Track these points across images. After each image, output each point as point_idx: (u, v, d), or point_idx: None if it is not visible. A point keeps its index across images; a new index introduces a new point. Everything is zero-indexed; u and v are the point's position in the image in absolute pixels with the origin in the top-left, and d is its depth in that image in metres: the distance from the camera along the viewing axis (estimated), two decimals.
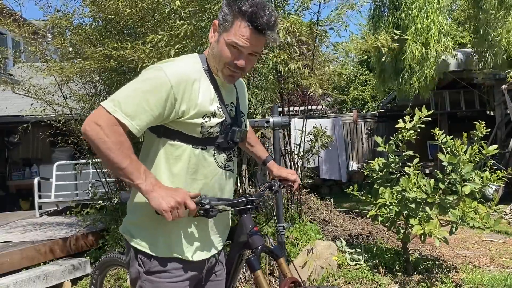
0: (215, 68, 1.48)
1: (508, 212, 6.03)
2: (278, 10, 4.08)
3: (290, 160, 4.81)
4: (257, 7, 1.38)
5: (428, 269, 3.80)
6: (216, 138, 1.48)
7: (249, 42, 1.41)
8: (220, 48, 1.44)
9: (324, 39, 4.15)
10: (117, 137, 1.30)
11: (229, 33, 1.41)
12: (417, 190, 3.38)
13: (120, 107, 1.31)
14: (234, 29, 1.40)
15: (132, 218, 1.51)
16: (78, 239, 4.53)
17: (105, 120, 1.30)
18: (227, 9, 1.42)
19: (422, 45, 6.59)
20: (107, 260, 2.36)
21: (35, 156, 9.72)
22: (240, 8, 1.38)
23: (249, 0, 1.40)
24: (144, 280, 1.45)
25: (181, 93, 1.38)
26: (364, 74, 15.77)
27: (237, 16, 1.40)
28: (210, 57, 1.49)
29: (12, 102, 7.81)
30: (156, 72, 1.38)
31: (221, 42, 1.43)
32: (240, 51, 1.42)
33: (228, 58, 1.43)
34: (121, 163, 1.30)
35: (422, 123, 3.57)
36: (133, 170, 1.30)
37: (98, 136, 1.29)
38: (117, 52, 3.33)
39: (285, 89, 4.42)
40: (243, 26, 1.39)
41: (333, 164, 10.19)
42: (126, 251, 1.55)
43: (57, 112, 5.10)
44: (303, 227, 4.23)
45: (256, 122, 2.94)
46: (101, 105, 1.34)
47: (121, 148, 1.30)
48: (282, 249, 3.06)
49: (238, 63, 1.44)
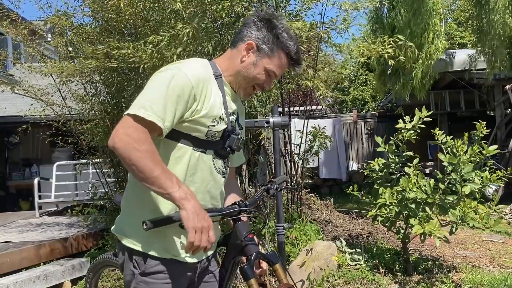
0: (237, 82, 1.54)
1: (508, 212, 6.04)
2: (280, 10, 4.08)
3: (290, 160, 4.81)
4: (297, 45, 1.53)
5: (428, 269, 3.80)
6: (216, 142, 1.50)
7: (283, 71, 1.57)
8: (257, 72, 1.51)
9: (328, 41, 4.15)
10: (148, 145, 1.30)
11: (270, 61, 1.51)
12: (417, 190, 3.38)
13: (153, 111, 1.32)
14: (277, 59, 1.52)
15: (127, 218, 1.50)
16: (78, 240, 4.53)
17: (134, 129, 1.30)
18: (267, 34, 1.50)
19: (416, 47, 6.60)
20: (100, 261, 2.36)
21: (35, 156, 9.72)
22: (286, 46, 1.51)
23: (287, 34, 1.51)
24: (139, 282, 1.44)
25: (199, 93, 1.41)
26: (364, 74, 15.77)
27: (281, 49, 1.51)
28: (240, 73, 1.53)
29: (12, 102, 7.81)
30: (176, 73, 1.38)
31: (260, 66, 1.51)
32: (271, 77, 1.55)
33: (261, 81, 1.53)
34: (152, 171, 1.29)
35: (422, 123, 3.57)
36: (165, 178, 1.30)
37: (129, 145, 1.28)
38: (120, 51, 3.33)
39: (285, 89, 4.42)
40: (286, 61, 1.54)
41: (333, 164, 10.19)
42: (118, 252, 1.54)
43: (57, 112, 5.10)
44: (303, 227, 4.23)
45: (256, 122, 2.94)
46: (127, 115, 1.33)
47: (153, 156, 1.30)
48: (282, 250, 3.07)
49: (267, 86, 1.56)
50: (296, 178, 4.80)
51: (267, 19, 1.51)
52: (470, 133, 3.63)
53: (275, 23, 1.50)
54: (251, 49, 1.50)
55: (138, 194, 1.47)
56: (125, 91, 4.40)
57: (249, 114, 3.96)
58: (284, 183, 1.97)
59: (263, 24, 1.50)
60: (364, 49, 3.87)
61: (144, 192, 1.44)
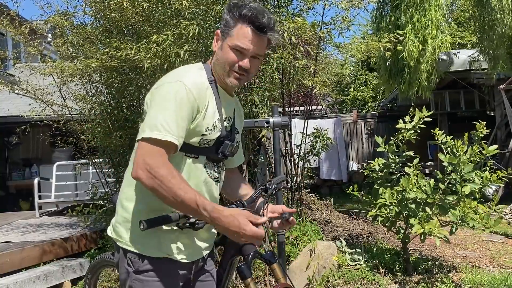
0: (221, 75, 1.51)
1: (508, 212, 6.04)
2: (282, 10, 4.08)
3: (290, 160, 4.81)
4: (256, 10, 1.44)
5: (428, 269, 3.80)
6: (209, 149, 1.50)
7: (251, 43, 1.45)
8: (224, 53, 1.48)
9: (328, 41, 4.15)
10: (166, 169, 1.31)
11: (231, 37, 1.46)
12: (417, 191, 3.38)
13: (166, 130, 1.33)
14: (236, 33, 1.45)
15: (121, 218, 1.51)
16: (78, 240, 4.53)
17: (151, 156, 1.31)
18: (228, 15, 1.47)
19: (420, 42, 6.60)
20: (98, 262, 2.36)
21: (35, 156, 9.71)
22: (240, 13, 1.44)
23: (248, 5, 1.45)
24: (133, 280, 1.45)
25: (202, 105, 1.43)
26: (364, 74, 15.77)
27: (238, 20, 1.45)
28: (215, 65, 1.52)
29: (12, 102, 7.81)
30: (180, 88, 1.39)
31: (225, 47, 1.48)
32: (244, 54, 1.47)
33: (233, 61, 1.47)
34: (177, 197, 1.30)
35: (422, 123, 3.57)
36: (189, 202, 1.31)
37: (150, 175, 1.30)
38: (123, 52, 3.33)
39: (286, 89, 4.42)
40: (244, 28, 1.45)
41: (333, 165, 10.19)
42: (115, 251, 1.55)
43: (56, 112, 5.10)
44: (303, 227, 4.23)
45: (256, 122, 2.93)
46: (142, 139, 1.34)
47: (173, 181, 1.30)
48: (282, 250, 3.06)
49: (242, 64, 1.47)
50: (296, 178, 4.81)
51: (231, 4, 1.49)
52: (470, 133, 3.64)
53: (235, 4, 1.48)
54: (218, 38, 1.51)
55: (132, 194, 1.48)
56: (125, 91, 4.40)
57: (250, 114, 3.96)
58: (282, 182, 1.97)
59: (227, 10, 1.49)
60: (362, 47, 3.89)
61: (138, 192, 1.46)
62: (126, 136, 4.32)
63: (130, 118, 4.46)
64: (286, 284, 1.60)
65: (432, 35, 6.65)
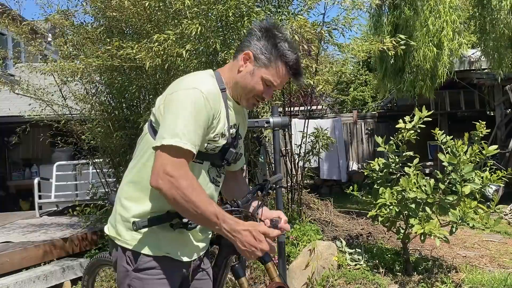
0: (239, 95, 1.53)
1: (508, 212, 6.04)
2: (282, 10, 4.08)
3: (291, 160, 4.81)
4: (297, 55, 1.49)
5: (428, 269, 3.80)
6: (214, 155, 1.51)
7: (282, 82, 1.52)
8: (254, 81, 1.49)
9: (329, 40, 4.15)
10: (188, 180, 1.32)
11: (267, 71, 1.48)
12: (417, 190, 3.38)
13: (186, 139, 1.33)
14: (274, 69, 1.48)
15: (119, 217, 1.51)
16: (78, 240, 4.53)
17: (172, 166, 1.31)
18: (265, 43, 1.48)
19: (435, 46, 6.55)
20: (94, 262, 2.36)
21: (35, 156, 9.72)
22: (284, 55, 1.47)
23: (288, 44, 1.48)
24: (133, 278, 1.45)
25: (216, 113, 1.44)
26: (364, 74, 15.75)
27: (278, 58, 1.47)
28: (237, 84, 1.52)
29: (12, 102, 7.81)
30: (198, 95, 1.38)
31: (257, 75, 1.48)
32: (271, 88, 1.52)
33: (260, 92, 1.50)
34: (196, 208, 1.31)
35: (422, 123, 3.57)
36: (209, 215, 1.32)
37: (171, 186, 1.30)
38: (125, 51, 3.34)
39: (287, 89, 4.42)
40: (284, 71, 1.49)
41: (333, 165, 10.19)
42: (112, 250, 1.56)
43: (57, 112, 5.10)
44: (303, 227, 4.23)
45: (256, 122, 2.93)
46: (162, 147, 1.33)
47: (193, 193, 1.31)
48: (282, 250, 3.07)
49: (266, 96, 1.52)
50: (296, 178, 4.81)
51: (267, 28, 1.50)
52: (470, 133, 3.64)
53: (275, 32, 1.49)
54: (248, 59, 1.49)
55: (133, 194, 1.48)
56: (126, 91, 4.40)
57: (250, 113, 3.97)
58: (279, 182, 1.98)
59: (262, 33, 1.49)
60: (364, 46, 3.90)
61: (135, 191, 1.47)
62: (127, 136, 4.32)
63: (130, 118, 4.46)
64: (280, 283, 1.61)
65: (448, 37, 6.60)
